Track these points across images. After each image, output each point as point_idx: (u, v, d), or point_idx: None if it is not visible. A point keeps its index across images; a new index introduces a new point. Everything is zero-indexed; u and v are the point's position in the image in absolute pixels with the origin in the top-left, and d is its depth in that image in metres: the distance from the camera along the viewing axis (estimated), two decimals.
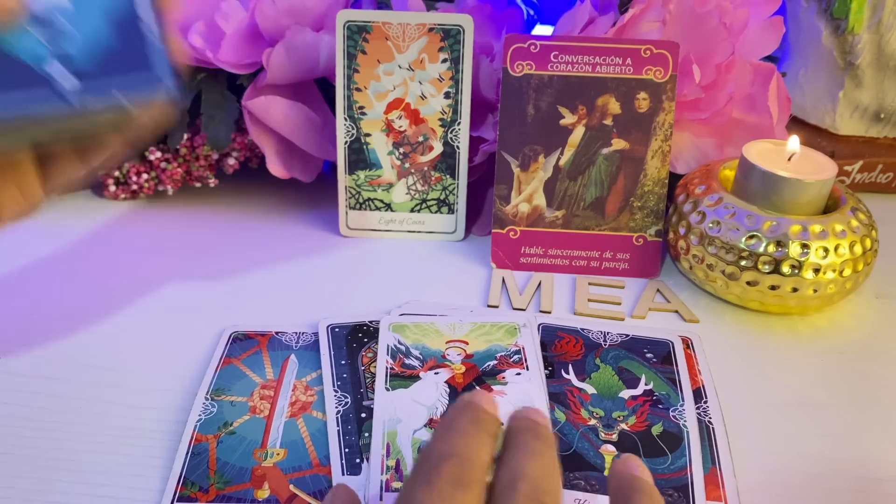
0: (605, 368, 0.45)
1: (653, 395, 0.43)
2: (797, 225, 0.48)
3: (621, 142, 0.54)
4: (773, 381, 0.46)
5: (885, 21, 0.61)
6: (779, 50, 0.59)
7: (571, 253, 0.55)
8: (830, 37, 0.64)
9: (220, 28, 0.54)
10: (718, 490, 0.38)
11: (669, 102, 0.53)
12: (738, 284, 0.50)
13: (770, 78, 0.57)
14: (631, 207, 0.54)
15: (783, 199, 0.50)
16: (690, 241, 0.51)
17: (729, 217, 0.50)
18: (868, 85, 0.65)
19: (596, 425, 0.41)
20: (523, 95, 0.53)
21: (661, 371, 0.45)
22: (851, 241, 0.48)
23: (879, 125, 0.67)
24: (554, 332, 0.48)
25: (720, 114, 0.56)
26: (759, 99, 0.57)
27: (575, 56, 0.53)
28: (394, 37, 0.54)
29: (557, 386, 0.44)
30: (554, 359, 0.46)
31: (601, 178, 0.54)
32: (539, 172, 0.54)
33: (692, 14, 0.55)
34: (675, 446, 0.40)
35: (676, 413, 0.42)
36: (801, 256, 0.48)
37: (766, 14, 0.58)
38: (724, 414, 0.43)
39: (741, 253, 0.49)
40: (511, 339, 0.46)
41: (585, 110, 0.54)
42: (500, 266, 0.55)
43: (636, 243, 0.55)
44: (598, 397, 0.43)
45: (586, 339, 0.47)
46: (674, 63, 0.53)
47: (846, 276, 0.49)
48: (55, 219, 0.58)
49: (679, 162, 0.59)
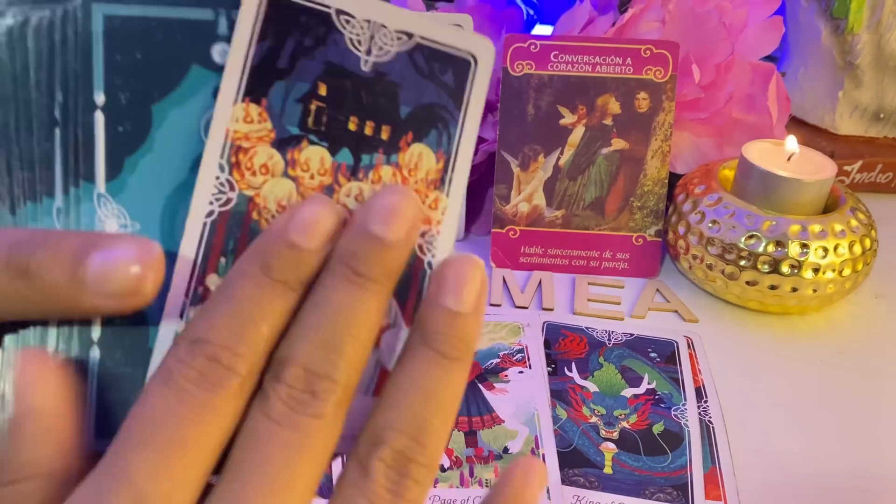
0: (608, 367, 0.45)
1: (655, 394, 0.43)
2: (796, 225, 0.48)
3: (621, 142, 0.54)
4: (773, 380, 0.46)
5: (884, 21, 0.62)
6: (778, 50, 0.60)
7: (571, 253, 0.55)
8: (830, 36, 0.64)
9: None
10: (718, 489, 0.38)
11: (669, 102, 0.53)
12: (738, 284, 0.50)
13: (769, 78, 0.57)
14: (631, 207, 0.55)
15: (782, 199, 0.50)
16: (690, 240, 0.51)
17: (728, 217, 0.50)
18: (868, 85, 0.65)
19: (597, 423, 0.41)
20: (523, 95, 0.53)
21: (664, 370, 0.45)
22: (851, 241, 0.48)
23: (879, 125, 0.67)
24: (558, 329, 0.48)
25: (720, 114, 0.56)
26: (759, 99, 0.57)
27: (575, 56, 0.53)
28: None
29: (560, 383, 0.44)
30: (557, 356, 0.46)
31: (601, 178, 0.54)
32: (539, 172, 0.54)
33: (692, 14, 0.55)
34: (675, 445, 0.40)
35: (678, 412, 0.42)
36: (801, 256, 0.48)
37: (765, 14, 0.58)
38: (724, 413, 0.43)
39: (740, 253, 0.49)
40: (514, 337, 0.46)
41: (585, 110, 0.54)
42: (500, 265, 0.55)
43: (636, 243, 0.55)
44: (601, 395, 0.43)
45: (590, 338, 0.48)
46: (674, 63, 0.53)
47: (845, 276, 0.49)
48: None
49: (679, 162, 0.59)
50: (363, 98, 0.22)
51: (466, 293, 0.21)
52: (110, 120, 0.22)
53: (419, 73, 0.22)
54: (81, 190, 0.22)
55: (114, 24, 0.22)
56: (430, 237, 0.22)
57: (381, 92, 0.22)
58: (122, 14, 0.22)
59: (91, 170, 0.22)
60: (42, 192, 0.23)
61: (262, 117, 0.22)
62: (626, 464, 0.39)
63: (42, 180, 0.23)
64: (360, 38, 0.22)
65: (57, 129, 0.22)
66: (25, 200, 0.23)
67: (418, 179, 0.22)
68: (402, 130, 0.22)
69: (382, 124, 0.22)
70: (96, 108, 0.22)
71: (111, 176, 0.22)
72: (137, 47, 0.22)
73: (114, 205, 0.22)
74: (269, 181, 0.22)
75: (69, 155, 0.22)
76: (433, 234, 0.22)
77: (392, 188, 0.21)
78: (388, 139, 0.22)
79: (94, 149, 0.22)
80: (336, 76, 0.22)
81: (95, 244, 0.20)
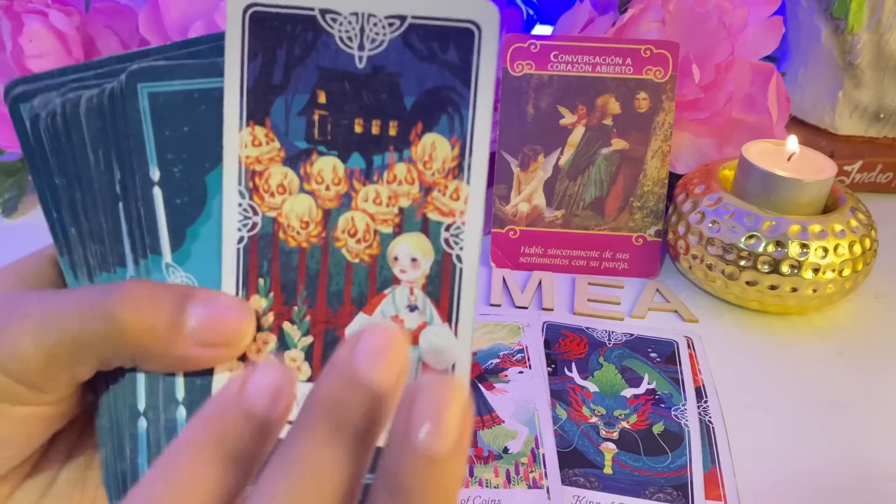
0: (608, 367, 0.45)
1: (655, 394, 0.43)
2: (796, 225, 0.48)
3: (621, 142, 0.54)
4: (773, 380, 0.46)
5: (884, 21, 0.62)
6: (778, 50, 0.60)
7: (571, 253, 0.55)
8: (830, 37, 0.64)
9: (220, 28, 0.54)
10: (718, 489, 0.38)
11: (669, 102, 0.53)
12: (738, 284, 0.50)
13: (769, 78, 0.57)
14: (630, 207, 0.55)
15: (782, 199, 0.50)
16: (690, 240, 0.51)
17: (728, 217, 0.50)
18: (867, 85, 0.65)
19: (597, 423, 0.41)
20: (523, 95, 0.53)
21: (664, 370, 0.45)
22: (851, 241, 0.48)
23: (879, 125, 0.67)
24: (558, 330, 0.48)
25: (720, 114, 0.56)
26: (759, 99, 0.57)
27: (575, 56, 0.53)
28: None
29: (560, 383, 0.44)
30: (557, 356, 0.46)
31: (601, 178, 0.54)
32: (539, 172, 0.54)
33: (692, 14, 0.55)
34: (675, 445, 0.40)
35: (678, 412, 0.42)
36: (801, 256, 0.48)
37: (765, 14, 0.58)
38: (724, 413, 0.43)
39: (740, 253, 0.49)
40: (514, 337, 0.46)
41: (585, 110, 0.54)
42: (500, 265, 0.55)
43: (636, 243, 0.55)
44: (601, 395, 0.43)
45: (591, 338, 0.48)
46: (674, 63, 0.53)
47: (845, 276, 0.49)
48: None
49: (679, 162, 0.59)
50: (364, 97, 0.21)
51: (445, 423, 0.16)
52: (168, 194, 0.23)
53: (418, 56, 0.21)
54: (150, 261, 0.23)
55: (158, 100, 0.22)
56: (456, 229, 0.21)
57: (381, 87, 0.21)
58: (164, 90, 0.22)
59: (156, 243, 0.23)
60: (114, 264, 0.24)
61: (269, 137, 0.21)
62: (626, 464, 0.39)
63: (113, 252, 0.24)
64: (350, 35, 0.21)
65: (120, 205, 0.23)
66: (100, 270, 0.24)
67: (435, 171, 0.21)
68: (409, 123, 0.21)
69: (389, 120, 0.21)
70: (153, 184, 0.23)
71: (176, 246, 0.23)
72: (184, 121, 0.22)
73: (181, 272, 0.23)
74: (288, 199, 0.22)
75: (134, 229, 0.23)
76: (458, 225, 0.21)
77: (374, 328, 0.17)
78: (396, 135, 0.21)
79: (157, 222, 0.23)
80: (333, 80, 0.21)
81: (194, 296, 0.21)
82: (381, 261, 0.22)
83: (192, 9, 0.56)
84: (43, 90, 0.23)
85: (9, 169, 0.60)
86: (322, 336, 0.22)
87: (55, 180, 0.23)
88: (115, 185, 0.23)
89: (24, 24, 0.55)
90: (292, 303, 0.22)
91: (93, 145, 0.23)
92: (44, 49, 0.56)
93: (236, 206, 0.22)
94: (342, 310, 0.22)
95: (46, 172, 0.24)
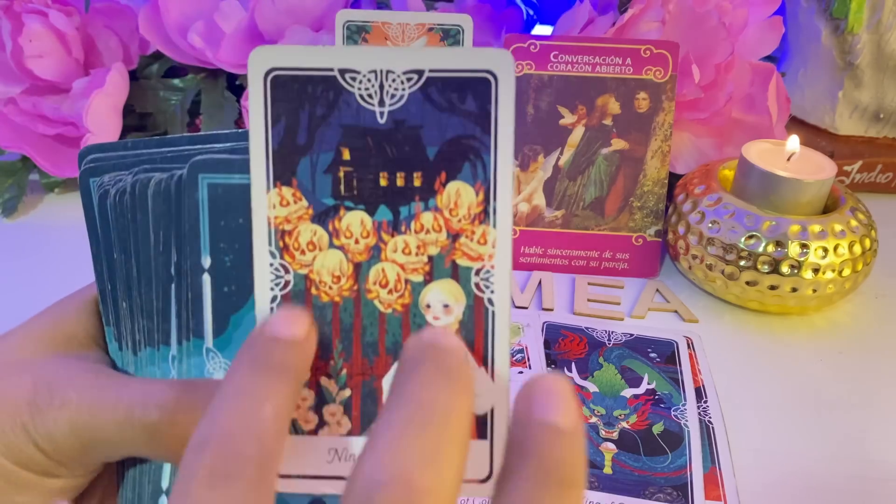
0: (607, 367, 0.45)
1: (655, 394, 0.43)
2: (796, 225, 0.48)
3: (621, 142, 0.54)
4: (773, 380, 0.46)
5: (884, 21, 0.62)
6: (778, 50, 0.60)
7: (571, 253, 0.55)
8: (830, 37, 0.64)
9: (220, 28, 0.54)
10: (718, 489, 0.38)
11: (669, 102, 0.53)
12: (738, 284, 0.50)
13: (769, 78, 0.57)
14: (630, 207, 0.55)
15: (782, 199, 0.50)
16: (690, 240, 0.51)
17: (728, 217, 0.50)
18: (867, 85, 0.65)
19: (596, 423, 0.41)
20: (523, 95, 0.53)
21: (664, 371, 0.45)
22: (851, 241, 0.48)
23: (879, 125, 0.67)
24: (558, 330, 0.48)
25: (719, 114, 0.56)
26: (759, 99, 0.57)
27: (575, 56, 0.53)
28: (393, 36, 0.54)
29: None
30: (557, 356, 0.46)
31: (601, 178, 0.54)
32: (538, 172, 0.54)
33: (692, 14, 0.55)
34: (675, 445, 0.40)
35: (678, 412, 0.42)
36: (801, 256, 0.48)
37: (765, 14, 0.58)
38: (724, 413, 0.43)
39: (740, 253, 0.49)
40: (514, 337, 0.46)
41: (585, 110, 0.54)
42: None
43: (635, 243, 0.55)
44: (600, 395, 0.43)
45: (590, 338, 0.48)
46: (673, 63, 0.53)
47: (845, 276, 0.49)
48: (57, 216, 0.58)
49: (679, 162, 0.59)
50: (387, 151, 0.22)
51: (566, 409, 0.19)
52: (216, 282, 0.24)
53: (437, 108, 0.21)
54: (192, 344, 0.24)
55: (217, 192, 0.23)
56: (486, 273, 0.22)
57: (403, 140, 0.22)
58: (223, 182, 0.23)
59: (200, 327, 0.24)
60: (160, 341, 0.25)
61: (297, 196, 0.22)
62: (625, 464, 0.39)
63: (159, 329, 0.25)
64: (370, 92, 0.21)
65: (172, 286, 0.24)
66: (145, 345, 0.25)
67: (461, 217, 0.22)
68: (433, 172, 0.22)
69: (413, 172, 0.22)
70: (204, 271, 0.24)
71: (218, 333, 0.24)
72: (238, 213, 0.23)
73: (221, 359, 0.24)
74: (319, 255, 0.22)
75: (182, 310, 0.24)
76: (488, 269, 0.22)
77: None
78: (421, 185, 0.22)
79: (203, 308, 0.24)
80: (356, 137, 0.21)
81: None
82: (413, 309, 0.22)
83: (192, 9, 0.56)
84: (114, 166, 0.25)
85: (9, 169, 0.60)
86: (360, 388, 0.22)
87: (114, 254, 0.25)
88: (171, 266, 0.24)
89: (24, 24, 0.55)
90: (328, 357, 0.22)
91: (155, 227, 0.24)
92: (44, 49, 0.56)
93: (268, 267, 0.22)
94: (378, 360, 0.22)
95: (107, 245, 0.25)
